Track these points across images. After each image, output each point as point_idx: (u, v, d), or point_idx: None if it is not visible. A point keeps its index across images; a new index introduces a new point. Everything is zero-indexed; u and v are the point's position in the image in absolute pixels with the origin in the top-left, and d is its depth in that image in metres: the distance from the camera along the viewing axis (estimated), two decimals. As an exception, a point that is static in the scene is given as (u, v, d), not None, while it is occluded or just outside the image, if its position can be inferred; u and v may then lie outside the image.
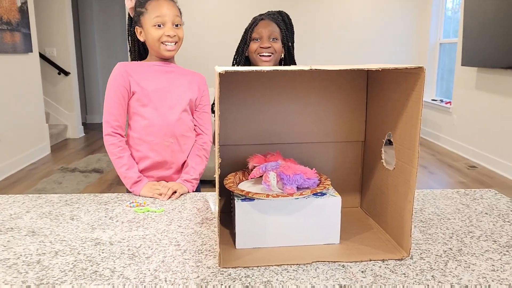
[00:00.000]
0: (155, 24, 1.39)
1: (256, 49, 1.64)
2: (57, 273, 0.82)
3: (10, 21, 4.33)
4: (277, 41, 1.65)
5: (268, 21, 1.65)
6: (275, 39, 1.64)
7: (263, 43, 1.63)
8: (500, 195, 1.27)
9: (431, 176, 4.41)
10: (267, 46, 1.62)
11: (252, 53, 1.66)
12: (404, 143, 0.90)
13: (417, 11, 6.22)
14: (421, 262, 0.87)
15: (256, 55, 1.65)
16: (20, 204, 1.19)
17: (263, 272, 0.83)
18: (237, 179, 1.02)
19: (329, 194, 0.94)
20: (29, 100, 4.79)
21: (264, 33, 1.63)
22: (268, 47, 1.63)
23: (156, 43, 1.40)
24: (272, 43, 1.64)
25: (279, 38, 1.66)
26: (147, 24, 1.40)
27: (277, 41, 1.65)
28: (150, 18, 1.40)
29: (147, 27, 1.41)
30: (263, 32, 1.63)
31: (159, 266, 0.85)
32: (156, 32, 1.39)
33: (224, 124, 1.08)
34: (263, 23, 1.64)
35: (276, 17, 1.68)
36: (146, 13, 1.41)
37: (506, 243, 0.96)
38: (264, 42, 1.63)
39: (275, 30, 1.64)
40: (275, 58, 1.66)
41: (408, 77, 0.87)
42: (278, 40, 1.65)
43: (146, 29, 1.41)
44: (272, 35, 1.63)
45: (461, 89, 5.22)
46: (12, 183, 4.11)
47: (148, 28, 1.41)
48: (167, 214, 1.13)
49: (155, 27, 1.39)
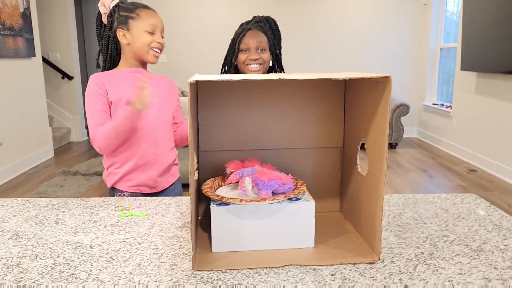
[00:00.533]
0: (148, 30, 1.46)
1: (245, 60, 1.68)
2: (35, 275, 0.85)
3: (13, 26, 4.39)
4: (265, 51, 1.69)
5: (256, 31, 1.68)
6: (263, 49, 1.68)
7: (251, 55, 1.67)
8: (480, 200, 1.28)
9: (431, 180, 4.41)
10: (256, 58, 1.67)
11: (240, 63, 1.70)
12: (375, 150, 0.92)
13: (417, 16, 6.23)
14: (391, 266, 0.89)
15: (245, 66, 1.69)
16: (8, 208, 1.22)
17: (235, 275, 0.86)
18: (215, 184, 1.05)
19: (304, 199, 0.97)
20: (32, 104, 4.85)
21: (252, 44, 1.66)
22: (257, 59, 1.67)
23: (145, 48, 1.47)
24: (260, 54, 1.68)
25: (267, 47, 1.69)
26: (139, 28, 1.46)
27: (265, 52, 1.69)
28: (143, 24, 1.47)
29: (137, 31, 1.46)
30: (251, 43, 1.66)
31: (135, 269, 0.88)
32: (147, 37, 1.47)
33: (205, 130, 1.10)
34: (250, 34, 1.67)
35: (263, 25, 1.70)
36: (138, 19, 1.47)
37: (477, 247, 0.97)
38: (252, 54, 1.67)
39: (263, 40, 1.68)
40: (264, 67, 1.71)
41: (378, 86, 0.89)
42: (266, 49, 1.69)
43: (136, 33, 1.46)
44: (260, 46, 1.67)
45: (461, 94, 5.22)
46: (14, 186, 4.16)
47: (139, 32, 1.46)
48: (150, 218, 1.15)
49: (147, 33, 1.47)
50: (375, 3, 6.23)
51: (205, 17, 6.18)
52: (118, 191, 1.53)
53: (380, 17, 6.25)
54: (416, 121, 6.51)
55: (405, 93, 6.43)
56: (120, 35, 1.48)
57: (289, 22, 6.20)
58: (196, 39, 6.21)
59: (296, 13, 6.21)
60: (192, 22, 6.20)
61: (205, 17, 6.18)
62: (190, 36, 6.21)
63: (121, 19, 1.47)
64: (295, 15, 6.21)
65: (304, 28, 6.25)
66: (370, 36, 6.30)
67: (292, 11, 6.15)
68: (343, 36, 6.31)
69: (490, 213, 1.18)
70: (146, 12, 1.49)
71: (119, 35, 1.48)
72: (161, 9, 6.10)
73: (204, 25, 6.18)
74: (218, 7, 6.15)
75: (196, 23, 6.20)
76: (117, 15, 1.48)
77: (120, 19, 1.48)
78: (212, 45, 6.14)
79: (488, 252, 0.95)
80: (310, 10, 6.22)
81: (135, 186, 1.53)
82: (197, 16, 6.19)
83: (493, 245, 0.99)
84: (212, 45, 6.14)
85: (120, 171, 1.52)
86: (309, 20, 6.26)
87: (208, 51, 6.15)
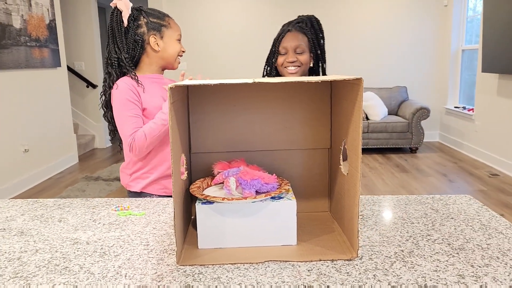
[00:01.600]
0: (178, 39, 1.58)
1: (283, 62, 1.68)
2: (32, 268, 0.92)
3: (39, 37, 4.59)
4: (304, 53, 1.67)
5: (295, 32, 1.67)
6: (301, 51, 1.66)
7: (289, 57, 1.66)
8: (474, 201, 1.29)
9: (450, 184, 4.34)
10: (293, 60, 1.66)
11: (279, 66, 1.70)
12: (352, 149, 0.95)
13: (438, 17, 6.16)
14: (368, 263, 0.92)
15: (283, 68, 1.69)
16: (18, 208, 1.31)
17: (216, 269, 0.90)
18: (204, 185, 1.10)
19: (286, 198, 1.00)
20: (58, 112, 5.03)
21: (290, 47, 1.66)
22: (294, 61, 1.66)
23: (175, 56, 1.59)
24: (298, 56, 1.66)
25: (306, 49, 1.67)
26: (172, 37, 1.57)
27: (303, 54, 1.67)
28: (174, 33, 1.58)
29: (170, 39, 1.57)
30: (289, 45, 1.66)
31: (124, 263, 0.93)
32: (178, 46, 1.59)
33: (196, 133, 1.16)
34: (289, 36, 1.67)
35: (304, 26, 1.69)
36: (170, 28, 1.57)
37: (459, 246, 0.99)
38: (289, 57, 1.66)
39: (302, 42, 1.66)
40: (302, 69, 1.69)
41: (354, 88, 0.92)
42: (305, 51, 1.67)
43: (169, 41, 1.56)
44: (298, 48, 1.66)
45: (483, 96, 5.12)
46: (39, 191, 4.33)
47: (171, 41, 1.57)
48: (147, 217, 1.21)
49: (177, 41, 1.58)
50: (395, 5, 6.19)
51: (223, 25, 6.28)
52: (146, 195, 1.60)
53: (400, 19, 6.21)
54: (438, 125, 6.41)
55: (426, 96, 6.35)
56: (152, 41, 1.55)
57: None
58: (214, 46, 6.31)
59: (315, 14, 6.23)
60: (210, 30, 6.31)
61: (223, 24, 6.28)
62: (209, 43, 6.32)
63: (154, 25, 1.54)
64: (313, 21, 6.24)
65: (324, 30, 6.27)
66: (390, 38, 6.26)
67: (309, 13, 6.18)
68: (362, 38, 6.29)
69: (481, 214, 1.19)
70: (173, 21, 1.60)
71: (151, 41, 1.54)
72: (180, 17, 6.24)
73: (222, 32, 6.28)
74: (236, 14, 6.24)
75: (215, 30, 6.30)
76: (146, 20, 1.54)
77: (151, 25, 1.54)
78: (230, 51, 6.23)
79: (469, 251, 0.96)
80: (330, 12, 6.24)
81: (163, 189, 1.60)
82: (216, 24, 6.30)
83: (476, 244, 1.00)
84: (230, 52, 6.23)
85: (150, 176, 1.59)
86: (329, 21, 6.27)
87: (226, 58, 6.24)
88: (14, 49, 4.13)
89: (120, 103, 1.49)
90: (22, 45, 4.26)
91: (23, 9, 4.31)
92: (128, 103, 1.49)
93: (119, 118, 1.50)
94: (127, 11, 1.53)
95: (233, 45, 6.23)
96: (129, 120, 1.48)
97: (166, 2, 6.26)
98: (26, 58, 4.34)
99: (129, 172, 1.61)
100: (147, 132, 1.47)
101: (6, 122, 4.05)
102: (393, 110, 6.09)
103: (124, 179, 1.64)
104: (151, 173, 1.58)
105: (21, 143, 4.28)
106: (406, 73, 6.33)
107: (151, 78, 1.58)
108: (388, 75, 6.35)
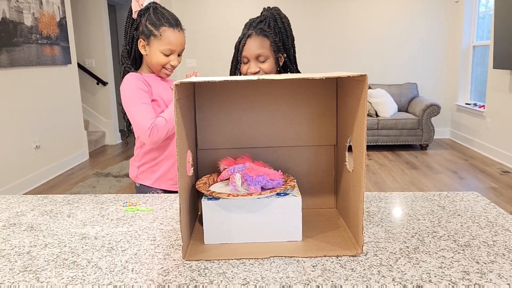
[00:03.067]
0: (164, 52, 1.51)
1: (246, 73, 1.58)
2: (41, 262, 0.94)
3: (50, 35, 4.63)
4: (267, 61, 1.55)
5: (256, 37, 1.53)
6: (264, 59, 1.55)
7: (251, 68, 1.55)
8: (481, 198, 1.28)
9: (461, 181, 4.31)
10: (255, 71, 1.55)
11: (243, 74, 1.59)
12: (357, 145, 0.95)
13: (449, 13, 6.10)
14: (373, 259, 0.92)
15: None
16: (28, 203, 1.33)
17: (222, 265, 0.91)
18: (210, 181, 1.11)
19: (291, 194, 1.01)
20: (69, 109, 5.09)
21: (251, 55, 1.54)
22: (257, 72, 1.55)
23: (158, 67, 1.54)
24: (260, 65, 1.55)
25: (271, 54, 1.55)
26: (156, 48, 1.51)
27: (266, 61, 1.55)
28: (161, 44, 1.51)
29: (154, 49, 1.52)
30: (249, 54, 1.54)
31: (131, 258, 0.95)
32: (162, 58, 1.52)
33: (203, 129, 1.17)
34: (249, 43, 1.54)
35: (266, 27, 1.55)
36: (159, 38, 1.51)
37: (465, 243, 0.98)
38: (251, 67, 1.55)
39: (264, 49, 1.53)
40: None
41: (359, 84, 0.92)
42: (269, 57, 1.55)
43: (153, 51, 1.52)
44: (260, 57, 1.54)
45: (494, 93, 5.07)
46: (51, 187, 4.39)
47: (155, 51, 1.52)
48: (154, 213, 1.23)
49: (163, 54, 1.52)
50: (406, 2, 6.14)
51: (232, 22, 6.28)
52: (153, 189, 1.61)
53: (410, 15, 6.16)
54: (449, 122, 6.36)
55: (437, 93, 6.30)
56: (140, 45, 1.55)
57: (316, 20, 6.21)
58: (223, 44, 6.32)
59: (324, 12, 6.21)
60: (220, 27, 6.32)
61: (233, 21, 6.28)
62: (218, 40, 6.33)
63: (145, 31, 1.52)
64: (324, 14, 6.22)
65: (333, 26, 6.25)
66: (400, 34, 6.22)
67: (320, 9, 6.15)
68: (372, 35, 6.25)
69: (488, 211, 1.18)
70: (169, 33, 1.51)
71: (139, 43, 1.55)
72: (190, 14, 6.26)
73: (232, 29, 6.28)
74: (245, 12, 6.23)
75: (224, 27, 6.31)
76: (144, 22, 1.52)
77: (144, 30, 1.52)
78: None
79: (475, 247, 0.96)
80: (339, 8, 6.21)
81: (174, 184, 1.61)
82: (225, 21, 6.30)
83: (482, 241, 0.99)
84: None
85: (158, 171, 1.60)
86: (340, 19, 6.24)
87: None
88: (26, 46, 4.18)
89: (132, 92, 1.49)
90: (33, 43, 4.31)
91: (34, 7, 4.35)
92: (140, 92, 1.49)
93: (133, 107, 1.48)
94: (137, 4, 1.54)
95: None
96: (143, 107, 1.47)
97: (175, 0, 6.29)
98: (37, 55, 4.39)
99: (137, 164, 1.63)
100: (167, 118, 1.48)
101: (18, 119, 4.11)
102: (403, 107, 6.05)
103: (133, 171, 1.66)
104: (159, 167, 1.59)
105: (33, 140, 4.34)
106: (417, 69, 6.28)
107: (155, 77, 1.59)
108: (398, 72, 6.31)
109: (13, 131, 4.03)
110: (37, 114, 4.43)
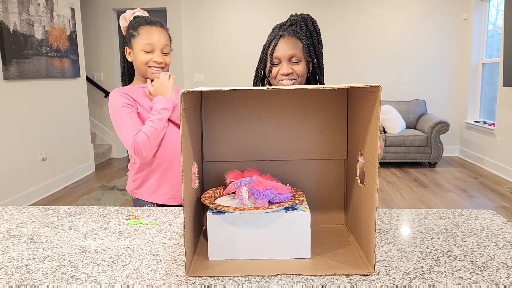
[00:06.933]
0: (144, 49, 1.50)
1: (277, 75, 1.46)
2: (39, 276, 0.90)
3: (60, 48, 4.67)
4: (300, 63, 1.45)
5: (289, 38, 1.44)
6: (297, 61, 1.44)
7: (283, 69, 1.44)
8: (497, 216, 1.23)
9: (471, 200, 4.23)
10: (287, 72, 1.44)
11: (272, 78, 1.48)
12: (369, 159, 0.91)
13: (458, 31, 6.08)
14: (386, 279, 0.87)
15: (277, 82, 1.47)
16: (29, 215, 1.30)
17: (227, 282, 0.87)
18: (216, 194, 1.07)
19: (300, 209, 0.97)
20: (76, 121, 5.09)
21: (284, 56, 1.43)
22: (289, 73, 1.44)
23: (143, 66, 1.51)
24: (293, 66, 1.44)
25: (303, 57, 1.45)
26: (137, 47, 1.51)
27: (299, 63, 1.45)
28: (140, 42, 1.50)
29: (136, 50, 1.51)
30: (283, 55, 1.43)
31: (132, 273, 0.91)
32: (144, 56, 1.50)
33: (209, 141, 1.14)
34: (282, 43, 1.44)
35: (299, 29, 1.46)
36: (138, 37, 1.51)
37: (482, 264, 0.93)
38: (283, 68, 1.44)
39: (297, 50, 1.44)
40: (299, 82, 1.47)
41: (372, 96, 0.89)
42: (301, 60, 1.45)
43: (135, 52, 1.52)
44: (293, 57, 1.43)
45: (504, 110, 5.01)
46: (56, 199, 4.36)
47: (137, 51, 1.51)
48: (157, 227, 1.19)
49: (144, 52, 1.50)
50: (414, 18, 6.14)
51: (239, 36, 6.31)
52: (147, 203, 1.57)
53: (419, 32, 6.15)
54: (458, 140, 6.29)
55: (446, 110, 6.24)
56: (127, 53, 1.55)
57: (325, 35, 6.21)
58: (231, 58, 6.34)
59: (331, 29, 6.22)
60: (228, 42, 6.34)
61: (240, 36, 6.30)
62: (225, 55, 6.35)
63: (127, 36, 1.53)
64: (331, 31, 6.22)
65: (340, 43, 6.25)
66: (409, 51, 6.20)
67: (327, 27, 6.17)
68: (380, 51, 6.24)
69: (505, 230, 1.13)
70: (146, 29, 1.50)
71: (126, 52, 1.55)
72: (197, 28, 6.29)
73: (240, 44, 6.30)
74: (254, 27, 6.26)
75: (231, 41, 6.33)
76: (127, 32, 1.54)
77: (127, 37, 1.53)
78: (246, 63, 6.24)
79: (493, 269, 0.91)
80: (348, 24, 6.22)
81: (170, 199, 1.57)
82: (232, 34, 6.33)
83: (501, 262, 0.94)
84: (246, 63, 6.24)
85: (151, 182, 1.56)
86: (347, 34, 6.25)
87: (242, 69, 6.25)
88: (35, 59, 4.21)
89: (116, 110, 1.46)
90: (43, 55, 4.34)
91: (45, 20, 4.40)
92: (123, 108, 1.46)
93: (118, 125, 1.46)
94: (124, 21, 1.55)
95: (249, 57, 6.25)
96: (129, 123, 1.45)
97: (184, 15, 6.33)
98: (47, 68, 4.42)
99: (132, 179, 1.60)
100: (147, 131, 1.42)
101: (26, 130, 4.11)
102: (411, 124, 6.00)
103: (129, 186, 1.63)
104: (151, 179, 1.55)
105: (39, 152, 4.33)
106: (425, 86, 6.25)
107: (143, 88, 1.55)
108: (407, 88, 6.28)
109: (21, 142, 4.03)
110: (45, 126, 4.43)
